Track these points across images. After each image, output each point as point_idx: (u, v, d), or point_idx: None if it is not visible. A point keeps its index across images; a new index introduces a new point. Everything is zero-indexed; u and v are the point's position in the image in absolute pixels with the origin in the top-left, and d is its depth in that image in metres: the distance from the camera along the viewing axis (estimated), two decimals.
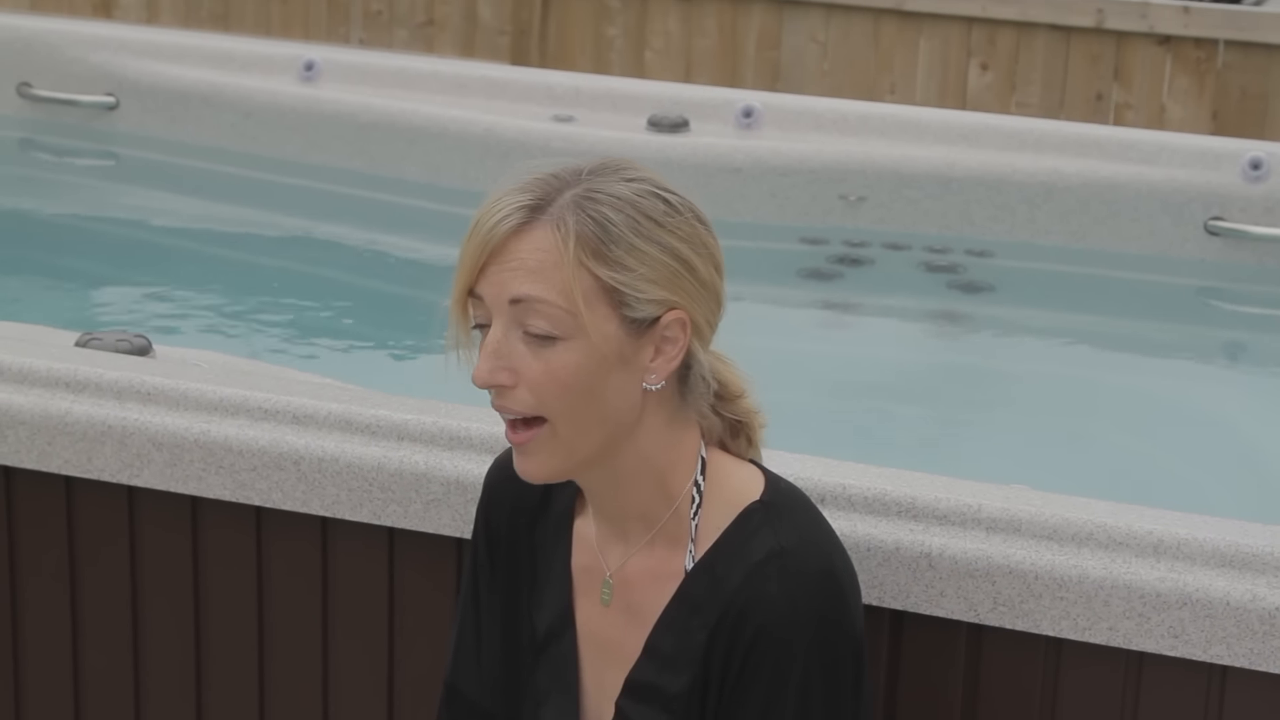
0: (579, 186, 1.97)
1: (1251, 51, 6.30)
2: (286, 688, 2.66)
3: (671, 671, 2.03)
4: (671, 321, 1.97)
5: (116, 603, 2.71)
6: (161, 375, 2.68)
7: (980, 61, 6.52)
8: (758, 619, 1.96)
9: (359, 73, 5.00)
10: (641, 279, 1.95)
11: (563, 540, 2.14)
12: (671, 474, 2.03)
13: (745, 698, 1.98)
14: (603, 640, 2.10)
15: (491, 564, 2.18)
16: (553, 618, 2.13)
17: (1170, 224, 4.38)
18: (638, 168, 2.02)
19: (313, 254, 4.87)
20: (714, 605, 2.00)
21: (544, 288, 1.93)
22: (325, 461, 2.54)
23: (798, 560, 1.98)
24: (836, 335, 4.41)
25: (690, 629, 2.02)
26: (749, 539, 2.00)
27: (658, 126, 4.65)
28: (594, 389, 1.95)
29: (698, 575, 2.02)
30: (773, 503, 2.03)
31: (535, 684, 2.14)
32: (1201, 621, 2.21)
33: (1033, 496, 2.34)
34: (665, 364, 1.98)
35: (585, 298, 1.93)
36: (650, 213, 1.96)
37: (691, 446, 2.04)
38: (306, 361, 3.94)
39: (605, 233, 1.94)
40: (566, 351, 1.95)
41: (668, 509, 2.04)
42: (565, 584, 2.12)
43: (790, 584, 1.96)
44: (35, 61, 5.15)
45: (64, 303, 4.47)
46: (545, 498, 2.15)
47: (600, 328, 1.94)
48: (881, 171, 4.53)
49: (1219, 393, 4.14)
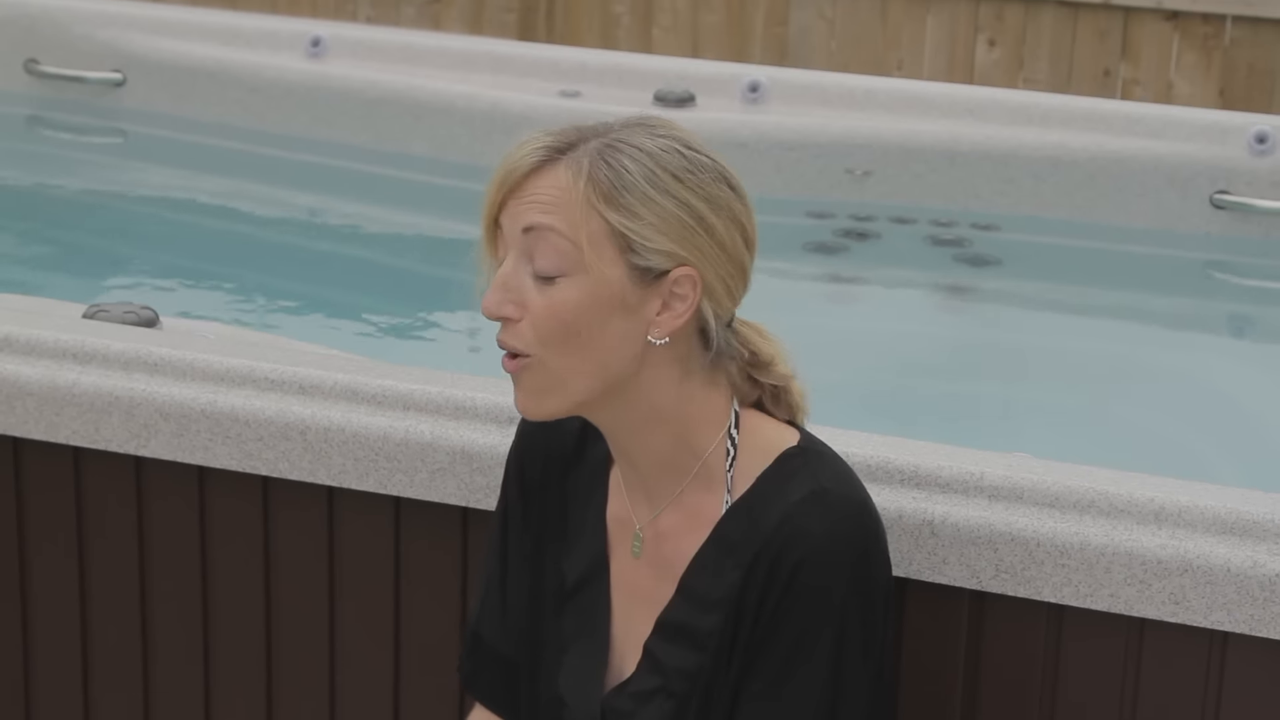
0: (607, 136, 2.00)
1: (1259, 27, 6.29)
2: (293, 656, 2.67)
3: (703, 609, 2.04)
4: (681, 277, 1.98)
5: (124, 573, 2.73)
6: (168, 346, 2.69)
7: (988, 38, 6.51)
8: (797, 554, 1.98)
9: (366, 49, 5.01)
10: (651, 228, 1.96)
11: (598, 490, 2.15)
12: (695, 428, 2.04)
13: (780, 627, 2.00)
14: (633, 589, 2.12)
15: (524, 511, 2.19)
16: (585, 566, 2.14)
17: (1176, 198, 4.39)
18: (673, 126, 2.04)
19: (319, 229, 4.89)
20: (750, 544, 2.01)
21: (554, 219, 1.96)
22: (331, 431, 2.56)
23: (838, 498, 2.00)
24: (842, 309, 4.42)
25: (723, 569, 2.03)
26: (787, 480, 2.02)
27: (664, 101, 4.65)
28: (592, 329, 1.97)
29: (734, 517, 2.04)
30: (810, 448, 2.06)
31: (560, 630, 2.15)
32: (1202, 588, 2.22)
33: (1034, 464, 2.34)
34: (671, 319, 1.99)
35: (591, 238, 1.96)
36: (670, 166, 1.98)
37: (720, 404, 2.05)
38: (312, 334, 3.95)
39: (619, 179, 1.96)
40: (569, 287, 1.97)
41: (695, 462, 2.05)
42: (600, 533, 2.14)
43: (831, 521, 1.98)
44: (43, 38, 5.16)
45: (71, 276, 4.49)
46: (579, 447, 2.16)
47: (604, 269, 1.96)
48: (888, 146, 4.53)
49: (1224, 365, 4.15)
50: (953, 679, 2.35)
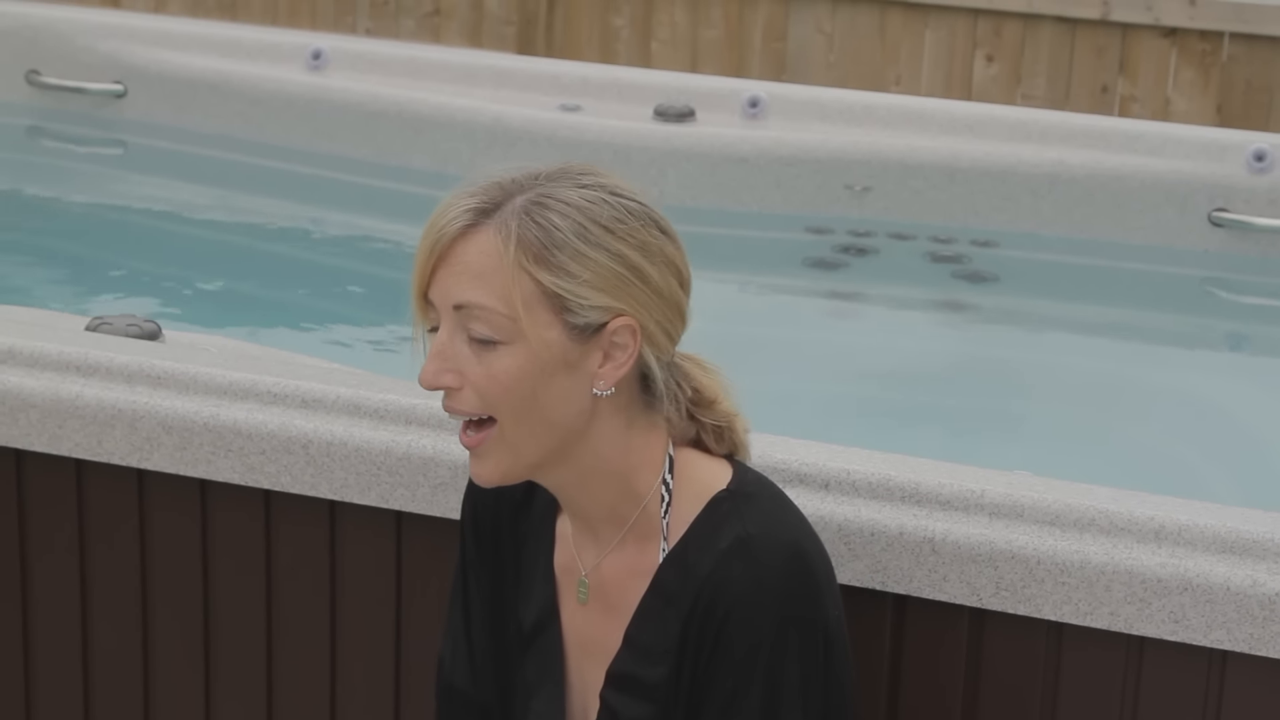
0: (531, 191, 1.97)
1: (1257, 44, 6.30)
2: (294, 670, 2.68)
3: (649, 662, 2.05)
4: (620, 327, 1.97)
5: (126, 585, 2.73)
6: (171, 359, 2.70)
7: (986, 53, 6.52)
8: (726, 603, 1.98)
9: (366, 62, 5.01)
10: (585, 285, 1.95)
11: (545, 537, 2.15)
12: (636, 475, 2.04)
13: (714, 679, 2.00)
14: (584, 636, 2.12)
15: (479, 555, 2.20)
16: (538, 613, 2.15)
17: (1174, 215, 4.39)
18: (597, 173, 2.01)
19: (320, 242, 4.89)
20: (687, 594, 2.01)
21: (484, 293, 1.94)
22: (334, 445, 2.56)
23: (763, 544, 1.99)
24: (841, 324, 4.43)
25: (666, 619, 2.03)
26: (718, 527, 2.02)
27: (664, 116, 4.66)
28: (537, 393, 1.96)
29: (670, 565, 2.04)
30: (739, 490, 2.04)
31: (524, 676, 2.16)
32: (1202, 607, 2.22)
33: (1035, 482, 2.35)
34: (614, 370, 1.98)
35: (525, 303, 1.94)
36: (599, 219, 1.96)
37: (658, 448, 2.05)
38: (314, 348, 3.95)
39: (549, 238, 1.94)
40: (508, 355, 1.96)
41: (636, 508, 2.05)
42: (549, 581, 2.14)
43: (756, 568, 1.98)
44: (44, 49, 5.16)
45: (73, 289, 4.49)
46: (527, 493, 2.16)
47: (541, 334, 1.95)
48: (887, 162, 4.54)
49: (1221, 382, 4.15)
50: (953, 696, 2.35)
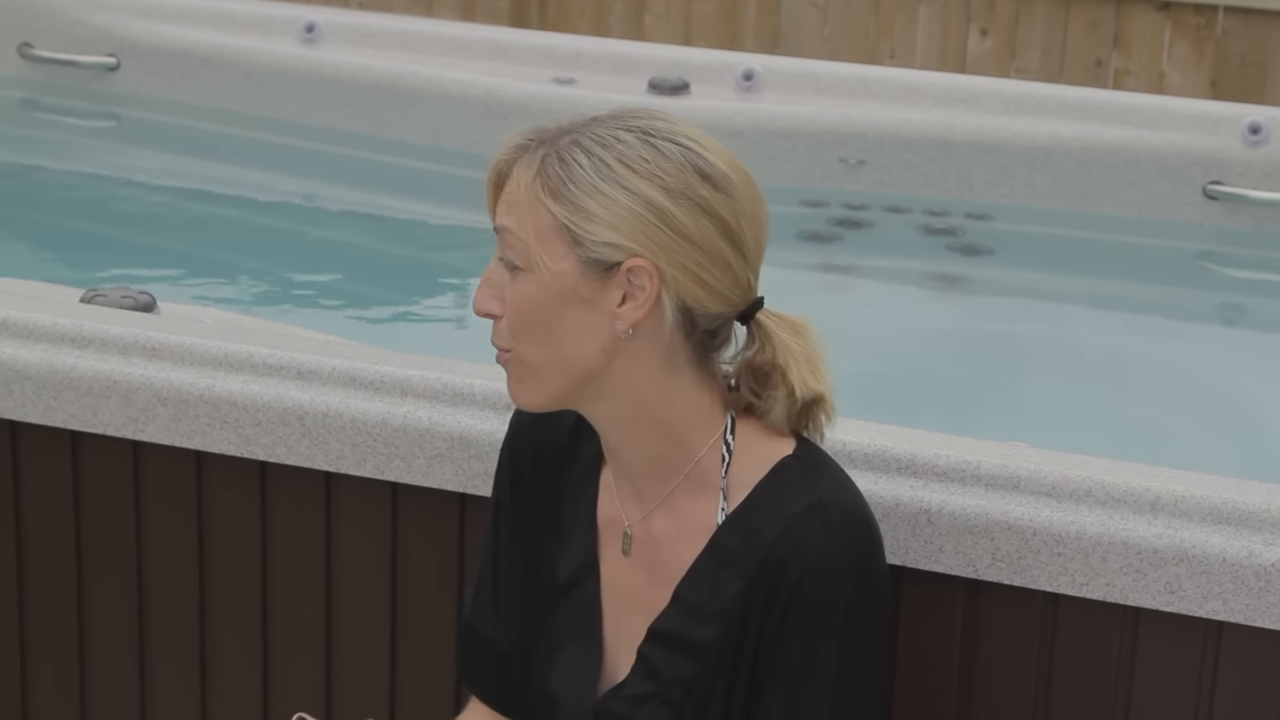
0: (583, 131, 2.00)
1: (1251, 18, 6.30)
2: (290, 641, 2.68)
3: (699, 621, 2.04)
4: (635, 267, 1.97)
5: (121, 556, 2.73)
6: (166, 331, 2.69)
7: (980, 27, 6.51)
8: (799, 568, 1.98)
9: (360, 34, 5.01)
10: (596, 221, 1.96)
11: (589, 487, 2.15)
12: (683, 426, 2.04)
13: (787, 645, 2.00)
14: (623, 590, 2.12)
15: (514, 504, 2.20)
16: (576, 564, 2.14)
17: (1169, 188, 4.40)
18: (656, 117, 2.03)
19: (313, 215, 4.89)
20: (750, 556, 2.01)
21: (513, 219, 2.00)
22: (329, 417, 2.56)
23: (837, 512, 2.00)
24: (835, 297, 4.43)
25: (722, 580, 2.03)
26: (784, 491, 2.02)
27: (658, 89, 4.65)
28: (550, 323, 1.99)
29: (731, 527, 2.03)
30: (806, 458, 2.05)
31: (553, 627, 2.16)
32: (1198, 577, 2.23)
33: (1031, 454, 2.35)
34: (633, 310, 1.98)
35: (540, 233, 1.98)
36: (624, 157, 1.97)
37: (710, 401, 2.05)
38: (308, 320, 3.95)
39: (568, 172, 1.97)
40: (527, 282, 2.00)
41: (686, 461, 2.05)
42: (590, 531, 2.14)
43: (831, 534, 1.99)
44: (36, 22, 5.15)
45: (68, 261, 4.49)
46: (573, 442, 2.16)
47: (552, 264, 1.98)
48: (881, 135, 4.54)
49: (1216, 355, 4.16)
50: (948, 667, 2.36)
